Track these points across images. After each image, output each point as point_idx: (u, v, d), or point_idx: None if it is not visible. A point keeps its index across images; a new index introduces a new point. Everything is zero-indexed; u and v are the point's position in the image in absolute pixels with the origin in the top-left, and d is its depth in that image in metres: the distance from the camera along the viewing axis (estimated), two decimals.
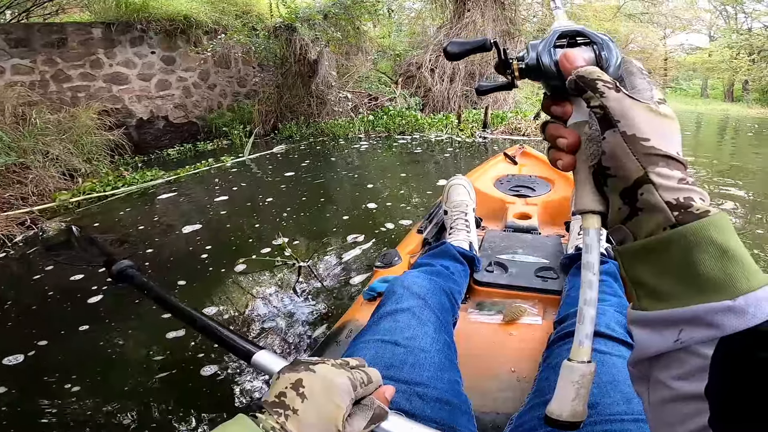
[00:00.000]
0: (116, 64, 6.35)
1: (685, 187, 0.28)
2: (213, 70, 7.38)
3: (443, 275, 0.94)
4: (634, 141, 0.30)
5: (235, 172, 4.69)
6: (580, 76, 0.33)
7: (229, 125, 6.97)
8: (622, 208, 0.30)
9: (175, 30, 6.62)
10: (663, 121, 0.31)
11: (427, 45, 8.16)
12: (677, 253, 0.26)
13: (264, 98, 7.02)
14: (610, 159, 0.31)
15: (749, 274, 0.25)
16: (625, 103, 0.31)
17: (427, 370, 0.59)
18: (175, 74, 6.93)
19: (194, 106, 7.23)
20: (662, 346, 0.26)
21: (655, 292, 0.28)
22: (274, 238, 2.59)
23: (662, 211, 0.28)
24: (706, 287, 0.25)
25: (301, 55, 6.29)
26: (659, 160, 0.29)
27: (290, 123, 6.98)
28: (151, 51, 6.62)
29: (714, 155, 5.31)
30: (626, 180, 0.30)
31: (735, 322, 0.23)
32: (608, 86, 0.32)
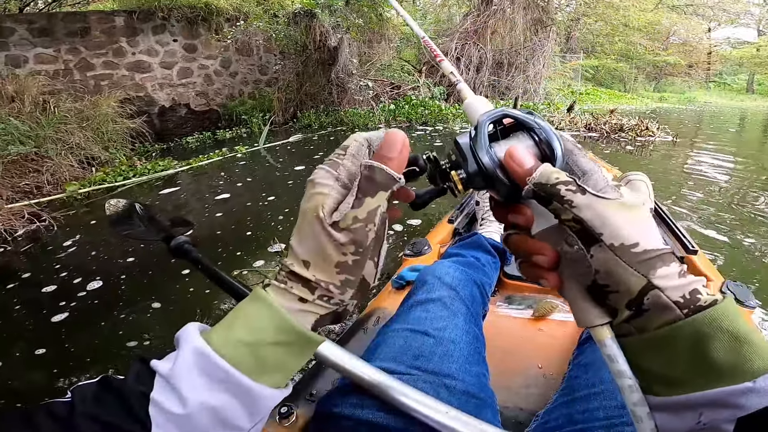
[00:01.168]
0: (139, 53, 6.36)
1: (688, 281, 0.27)
2: (234, 57, 7.32)
3: (474, 266, 0.92)
4: (625, 252, 0.28)
5: (246, 163, 4.50)
6: (538, 184, 0.30)
7: (249, 113, 6.89)
8: (626, 313, 0.29)
9: (196, 18, 6.58)
10: (635, 213, 0.29)
11: (453, 33, 7.84)
12: (688, 345, 0.26)
13: (284, 86, 6.89)
14: (606, 276, 0.29)
15: (762, 352, 0.25)
16: (599, 208, 0.28)
17: (455, 362, 0.58)
18: (196, 62, 6.89)
19: (216, 94, 7.19)
20: (684, 427, 0.26)
21: (667, 379, 0.28)
22: (269, 245, 2.24)
23: (671, 311, 0.27)
24: (722, 372, 0.25)
25: (321, 42, 6.12)
26: (656, 262, 0.28)
27: (309, 111, 6.83)
28: (173, 39, 6.60)
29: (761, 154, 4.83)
30: (630, 293, 0.28)
31: (757, 401, 0.24)
32: (571, 189, 0.29)
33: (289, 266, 0.32)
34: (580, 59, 12.32)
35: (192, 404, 0.27)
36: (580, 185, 0.29)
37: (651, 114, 8.24)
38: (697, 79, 20.65)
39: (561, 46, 10.64)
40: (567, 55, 11.84)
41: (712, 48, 20.81)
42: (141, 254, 2.25)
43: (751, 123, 8.83)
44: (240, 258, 2.17)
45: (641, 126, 4.90)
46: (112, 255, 2.27)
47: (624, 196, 0.29)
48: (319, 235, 0.31)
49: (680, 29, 18.50)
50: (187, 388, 0.27)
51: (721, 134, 6.44)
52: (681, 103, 13.88)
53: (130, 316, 1.69)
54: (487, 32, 7.18)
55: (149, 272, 2.06)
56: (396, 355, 0.57)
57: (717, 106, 13.36)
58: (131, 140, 5.49)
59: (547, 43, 7.38)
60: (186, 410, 0.27)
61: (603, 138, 4.97)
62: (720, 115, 9.94)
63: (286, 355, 0.31)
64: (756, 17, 19.37)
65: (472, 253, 1.01)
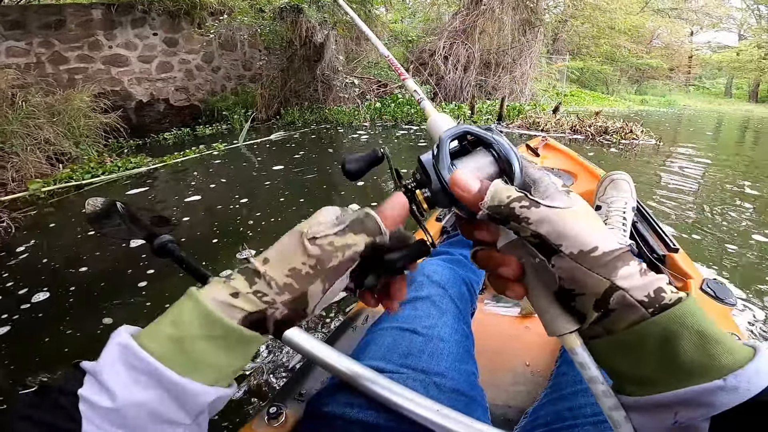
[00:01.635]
0: (116, 46, 6.13)
1: (651, 279, 0.28)
2: (218, 52, 7.12)
3: (462, 264, 0.91)
4: (585, 258, 0.28)
5: (223, 162, 4.29)
6: (492, 207, 0.30)
7: (231, 109, 6.70)
8: (596, 314, 0.29)
9: (178, 11, 6.37)
10: (588, 218, 0.29)
11: (441, 32, 7.77)
12: (656, 344, 0.26)
13: (267, 82, 6.72)
14: (571, 282, 0.29)
15: (730, 349, 0.25)
16: (556, 221, 0.29)
17: (445, 360, 0.58)
18: (177, 56, 6.68)
19: (197, 89, 6.99)
20: (661, 427, 0.26)
21: (639, 378, 0.28)
22: (238, 251, 2.10)
23: (637, 311, 0.27)
24: (692, 371, 0.25)
25: (307, 38, 5.97)
26: (616, 262, 0.28)
27: (293, 108, 6.68)
28: (153, 32, 6.38)
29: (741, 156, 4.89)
30: (596, 294, 0.28)
31: (728, 399, 0.24)
32: (525, 206, 0.29)
33: (249, 263, 0.33)
34: (565, 61, 12.38)
35: (120, 398, 0.26)
36: (533, 199, 0.29)
37: (634, 116, 8.30)
38: (678, 83, 21.04)
39: (548, 47, 10.67)
40: (553, 57, 11.89)
41: (693, 52, 21.22)
42: (95, 263, 2.09)
43: (731, 127, 8.97)
44: (205, 267, 2.00)
45: (626, 129, 4.93)
46: (65, 263, 2.10)
47: (574, 203, 0.30)
48: (293, 242, 0.33)
49: (663, 33, 18.80)
50: (113, 382, 0.27)
51: (702, 138, 6.51)
52: (661, 105, 14.09)
53: (78, 332, 1.54)
54: (476, 31, 7.12)
55: (102, 284, 1.88)
56: (385, 353, 0.57)
57: (696, 110, 13.60)
58: (105, 136, 5.29)
59: (534, 43, 7.36)
60: (115, 404, 0.26)
61: (588, 140, 4.97)
62: (699, 119, 10.10)
63: (215, 349, 0.29)
64: (737, 21, 19.79)
65: (460, 251, 1.01)
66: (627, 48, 15.87)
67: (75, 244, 2.37)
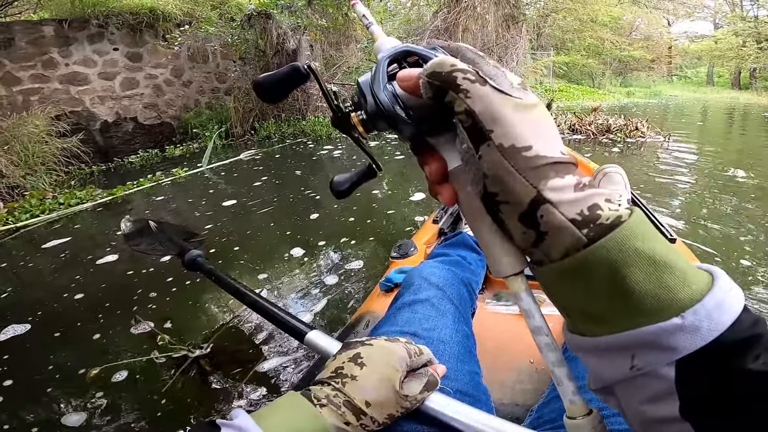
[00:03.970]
0: (73, 63, 5.68)
1: (585, 194, 0.23)
2: (188, 65, 6.70)
3: (461, 265, 0.92)
4: (514, 154, 0.24)
5: (169, 195, 3.66)
6: (432, 73, 0.26)
7: (204, 125, 6.26)
8: (527, 233, 0.24)
9: (139, 24, 5.94)
10: (533, 114, 0.25)
11: (423, 31, 7.44)
12: (602, 275, 0.22)
13: (241, 95, 6.30)
14: (495, 183, 0.25)
15: (687, 278, 0.22)
16: (494, 102, 0.24)
17: (446, 362, 0.58)
18: (143, 72, 6.24)
19: (168, 105, 6.54)
20: (617, 374, 0.23)
21: (589, 314, 0.24)
22: (132, 326, 1.61)
23: (570, 232, 0.23)
24: (646, 305, 0.21)
25: (279, 45, 5.57)
26: (549, 170, 0.24)
27: (269, 122, 6.26)
28: (114, 47, 5.94)
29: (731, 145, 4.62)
30: (520, 205, 0.24)
31: (690, 341, 0.20)
32: (469, 78, 0.25)
33: (352, 399, 0.44)
34: (550, 56, 12.18)
35: None
36: (482, 76, 0.25)
37: (633, 110, 8.06)
38: (660, 73, 21.11)
39: (533, 43, 10.44)
40: (538, 53, 11.66)
41: (672, 42, 21.35)
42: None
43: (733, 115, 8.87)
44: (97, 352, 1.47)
45: (630, 126, 4.48)
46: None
47: (527, 98, 0.25)
48: (393, 399, 0.45)
49: (641, 24, 18.82)
50: None
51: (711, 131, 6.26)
52: (647, 97, 13.99)
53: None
54: (458, 29, 6.81)
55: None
56: None
57: (682, 99, 13.55)
58: (67, 162, 4.84)
59: (519, 39, 7.07)
60: None
61: (590, 140, 4.58)
62: (688, 108, 9.99)
63: None
64: (712, 10, 19.90)
65: (458, 251, 1.01)
66: (610, 41, 15.79)
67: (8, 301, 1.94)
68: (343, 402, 0.43)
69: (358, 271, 1.95)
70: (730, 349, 0.20)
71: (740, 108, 10.32)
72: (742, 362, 0.20)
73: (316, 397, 0.42)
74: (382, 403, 0.44)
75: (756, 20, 17.32)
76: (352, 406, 0.43)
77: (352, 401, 0.43)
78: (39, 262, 2.44)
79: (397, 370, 0.46)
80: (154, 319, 1.63)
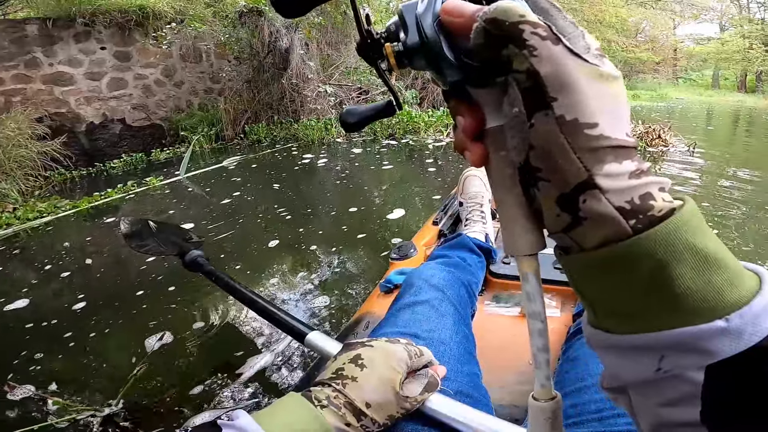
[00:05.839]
0: (58, 63, 5.45)
1: (641, 182, 0.20)
2: (180, 65, 6.45)
3: (461, 267, 0.92)
4: (575, 131, 0.20)
5: (132, 208, 3.28)
6: (492, 19, 0.21)
7: (195, 127, 6.00)
8: (561, 215, 0.22)
9: (128, 22, 5.70)
10: (611, 89, 0.21)
11: None
12: (645, 269, 0.20)
13: (231, 96, 6.03)
14: (542, 158, 0.22)
15: (735, 279, 0.20)
16: (567, 66, 0.21)
17: (447, 363, 0.59)
18: (131, 71, 5.99)
19: (158, 107, 6.29)
20: (640, 375, 0.21)
21: (620, 310, 0.22)
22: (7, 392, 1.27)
23: (614, 221, 0.20)
24: (688, 305, 0.19)
25: (271, 43, 5.31)
26: (608, 154, 0.20)
27: (260, 124, 5.98)
28: (101, 47, 5.70)
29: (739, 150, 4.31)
30: (564, 186, 0.21)
31: (730, 345, 0.19)
32: (540, 34, 0.21)
33: (352, 401, 0.44)
34: None
35: None
36: (556, 33, 0.21)
37: (633, 113, 7.77)
38: (665, 76, 20.81)
39: None
40: None
41: (678, 44, 21.06)
42: None
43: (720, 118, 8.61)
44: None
45: (652, 134, 3.99)
46: None
47: (606, 66, 0.22)
48: (393, 400, 0.47)
49: (647, 26, 18.54)
50: None
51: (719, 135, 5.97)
52: (654, 100, 13.68)
53: None
54: None
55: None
56: None
57: (689, 102, 13.26)
58: (47, 166, 4.59)
59: None
60: None
61: None
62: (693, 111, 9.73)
63: None
64: (718, 12, 19.61)
65: (458, 253, 1.01)
66: (617, 43, 15.53)
67: None
68: (344, 403, 0.44)
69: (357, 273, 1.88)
70: (766, 354, 0.19)
71: (751, 112, 10.03)
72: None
73: (316, 398, 0.43)
74: (383, 405, 0.45)
75: (763, 22, 17.04)
76: (353, 408, 0.44)
77: (352, 402, 0.44)
78: None
79: (397, 371, 0.47)
80: (45, 379, 1.30)
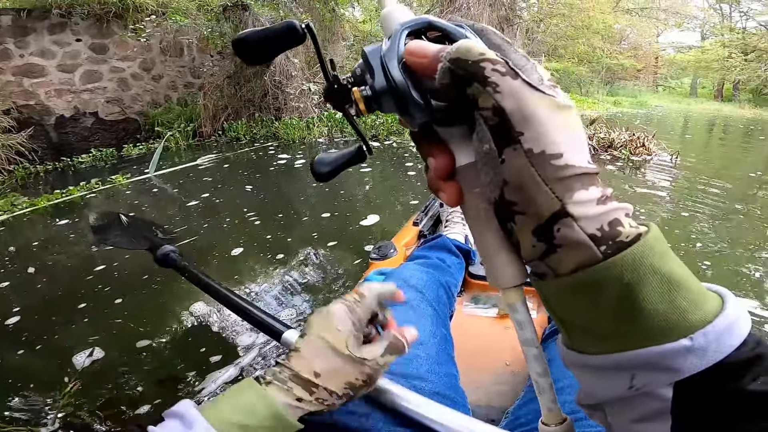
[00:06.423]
0: (29, 55, 5.21)
1: (608, 208, 0.22)
2: (160, 58, 6.22)
3: (440, 268, 0.92)
4: (544, 162, 0.21)
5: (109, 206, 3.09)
6: (456, 60, 0.22)
7: (172, 123, 5.78)
8: (537, 246, 0.23)
9: (107, 14, 5.45)
10: (568, 118, 0.22)
11: None
12: (613, 292, 0.21)
13: (211, 91, 5.82)
14: (516, 192, 0.23)
15: (698, 300, 0.21)
16: (528, 101, 0.22)
17: (424, 364, 0.59)
18: (107, 64, 5.74)
19: (133, 101, 6.05)
20: (613, 393, 0.22)
21: (591, 331, 0.23)
22: None
23: (587, 248, 0.21)
24: (655, 325, 0.21)
25: None
26: (576, 182, 0.22)
27: (240, 122, 5.79)
28: (77, 38, 5.45)
29: None
30: (538, 217, 0.22)
31: (695, 363, 0.20)
32: (500, 70, 0.22)
33: (297, 372, 0.41)
34: (541, 62, 11.97)
35: None
36: (513, 68, 0.22)
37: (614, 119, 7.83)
38: (646, 83, 21.18)
39: (525, 48, 10.21)
40: None
41: (659, 52, 21.46)
42: None
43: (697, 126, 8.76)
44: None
45: (636, 142, 3.97)
46: None
47: (560, 96, 0.23)
48: (346, 363, 0.42)
49: (631, 33, 18.81)
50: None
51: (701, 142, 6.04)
52: (634, 106, 13.88)
53: None
54: None
55: None
56: None
57: (668, 110, 13.48)
58: (11, 160, 4.35)
59: (514, 42, 6.78)
60: None
61: (591, 155, 4.07)
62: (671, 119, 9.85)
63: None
64: (701, 21, 20.02)
65: (438, 254, 1.01)
66: (602, 49, 15.68)
67: None
68: (290, 377, 0.41)
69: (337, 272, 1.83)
70: (731, 371, 0.20)
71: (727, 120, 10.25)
72: (742, 383, 0.20)
73: (263, 378, 0.42)
74: (334, 371, 0.42)
75: (744, 31, 17.45)
76: (300, 379, 0.41)
77: (298, 374, 0.41)
78: None
79: (339, 330, 0.43)
80: None
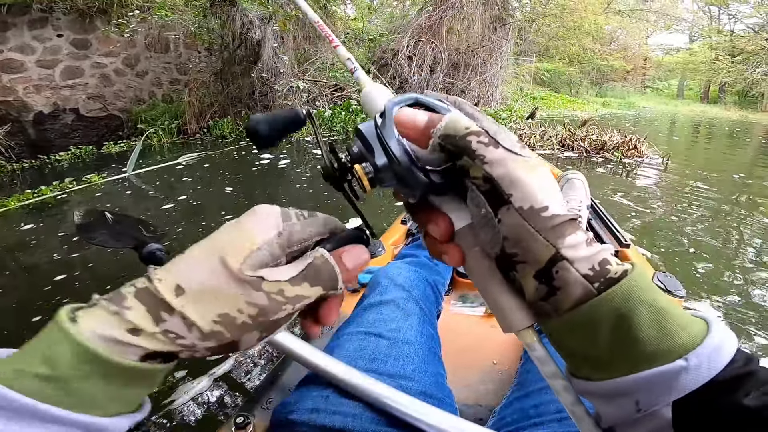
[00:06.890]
0: (8, 50, 5.02)
1: (595, 250, 0.24)
2: (144, 54, 6.04)
3: (427, 266, 0.92)
4: (534, 216, 0.24)
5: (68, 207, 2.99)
6: (445, 136, 0.25)
7: (156, 120, 5.62)
8: (539, 288, 0.25)
9: (90, 9, 5.27)
10: (542, 174, 0.25)
11: (405, 29, 6.98)
12: (609, 323, 0.23)
13: (196, 87, 5.68)
14: (516, 245, 0.25)
15: (684, 324, 0.23)
16: (512, 166, 0.25)
17: (411, 363, 0.58)
18: (89, 60, 5.55)
19: (116, 97, 5.87)
20: (623, 416, 0.24)
21: (594, 360, 0.25)
22: None
23: (582, 286, 0.24)
24: (648, 350, 0.23)
25: (243, 35, 4.99)
26: (565, 228, 0.24)
27: (225, 119, 5.66)
28: (58, 34, 5.27)
29: None
30: (538, 263, 0.24)
31: (691, 381, 0.22)
32: (483, 142, 0.25)
33: (149, 287, 0.24)
34: (532, 62, 11.95)
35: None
36: (493, 138, 0.25)
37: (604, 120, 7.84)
38: (634, 84, 21.37)
39: (517, 47, 10.18)
40: (520, 58, 11.43)
41: (648, 54, 21.66)
42: None
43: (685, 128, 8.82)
44: None
45: (628, 144, 3.98)
46: None
47: (532, 157, 0.26)
48: (230, 282, 0.25)
49: (621, 35, 18.93)
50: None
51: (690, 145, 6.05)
52: (622, 108, 13.98)
53: None
54: (443, 29, 6.38)
55: None
56: (351, 358, 0.56)
57: (655, 111, 13.58)
58: None
59: (505, 42, 6.71)
60: None
61: (582, 158, 4.09)
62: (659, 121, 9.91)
63: (109, 386, 0.23)
64: (689, 23, 20.22)
65: (425, 253, 0.99)
66: (592, 50, 15.76)
67: None
68: (134, 293, 0.24)
69: None
70: (723, 386, 0.22)
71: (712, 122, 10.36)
72: (734, 398, 0.21)
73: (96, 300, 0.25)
74: (208, 291, 0.24)
75: (732, 34, 17.64)
76: (149, 299, 0.24)
77: (148, 289, 0.24)
78: None
79: (249, 234, 0.26)
80: None
